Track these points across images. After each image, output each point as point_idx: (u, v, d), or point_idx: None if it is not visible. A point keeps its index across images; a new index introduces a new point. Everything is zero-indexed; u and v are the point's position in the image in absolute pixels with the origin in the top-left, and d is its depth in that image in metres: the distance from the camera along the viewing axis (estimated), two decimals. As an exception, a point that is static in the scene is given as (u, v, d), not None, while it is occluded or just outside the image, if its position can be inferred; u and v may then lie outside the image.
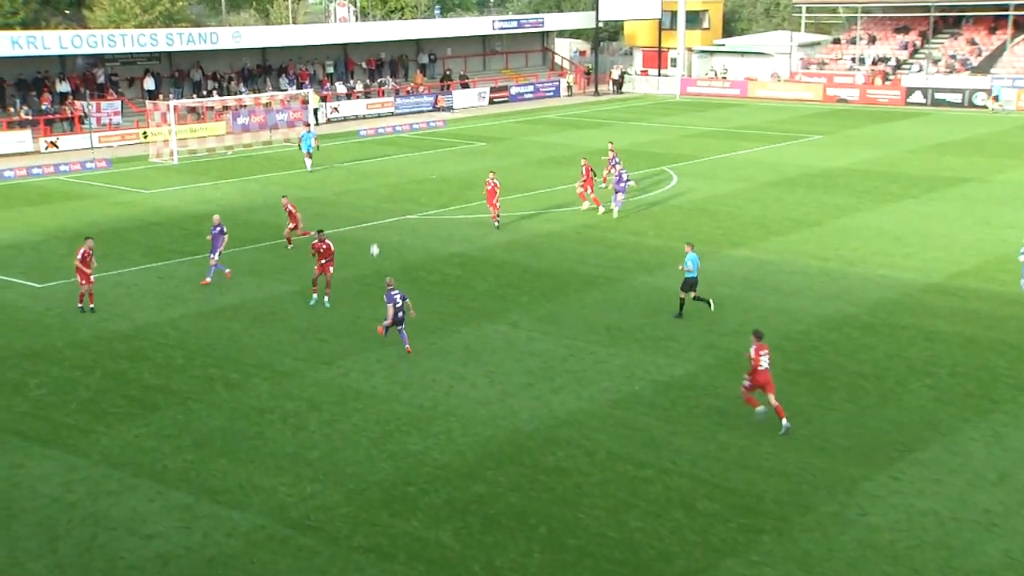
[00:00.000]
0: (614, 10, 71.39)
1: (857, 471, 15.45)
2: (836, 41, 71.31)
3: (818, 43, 72.87)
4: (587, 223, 31.31)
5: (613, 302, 23.50)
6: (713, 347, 20.55)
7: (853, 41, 69.27)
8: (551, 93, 68.93)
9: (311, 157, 41.53)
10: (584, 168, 32.61)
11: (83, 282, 22.99)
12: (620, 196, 31.40)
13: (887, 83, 63.74)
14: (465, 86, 65.29)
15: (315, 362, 19.94)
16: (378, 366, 19.75)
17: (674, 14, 73.26)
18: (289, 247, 28.24)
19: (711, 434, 16.74)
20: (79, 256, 23.01)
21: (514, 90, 66.74)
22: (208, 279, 25.01)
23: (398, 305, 20.31)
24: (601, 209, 31.91)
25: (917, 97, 61.40)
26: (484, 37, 70.10)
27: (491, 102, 64.86)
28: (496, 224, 30.28)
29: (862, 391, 18.44)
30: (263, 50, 58.39)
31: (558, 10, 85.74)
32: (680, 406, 17.85)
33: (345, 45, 61.94)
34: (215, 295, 24.32)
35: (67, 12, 79.16)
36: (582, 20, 74.70)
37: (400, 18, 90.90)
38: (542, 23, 70.88)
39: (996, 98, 58.82)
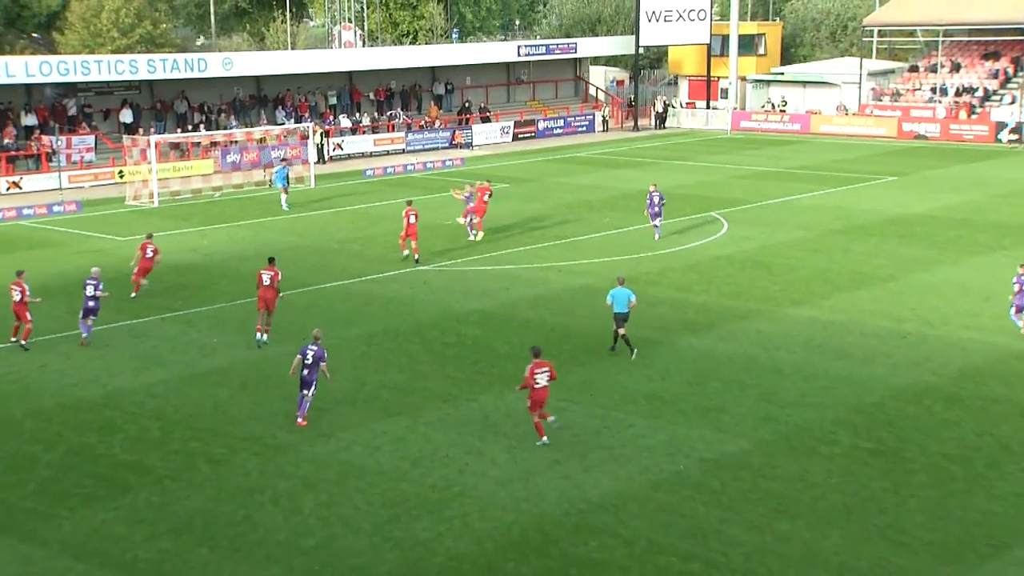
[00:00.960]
0: (657, 34, 72.17)
1: (943, 570, 15.31)
2: (913, 69, 71.70)
3: (892, 71, 73.28)
4: (625, 277, 31.39)
5: (654, 367, 23.55)
6: (770, 420, 20.53)
7: (934, 69, 69.61)
8: (584, 128, 69.65)
9: (287, 193, 42.62)
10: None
11: (23, 322, 24.60)
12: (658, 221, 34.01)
13: (973, 117, 63.99)
14: (486, 120, 66.10)
15: (312, 434, 20.06)
16: (384, 439, 19.85)
17: (725, 39, 74.06)
18: (134, 295, 29.06)
19: (768, 523, 16.67)
20: (18, 295, 24.40)
21: (542, 124, 67.52)
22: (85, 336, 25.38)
23: (307, 361, 19.89)
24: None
25: (1009, 133, 61.51)
26: (508, 65, 71.10)
27: (516, 138, 65.61)
28: (415, 257, 33.03)
29: (946, 475, 18.33)
30: (257, 79, 59.52)
31: (592, 34, 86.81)
32: (732, 489, 17.80)
33: (350, 73, 63.01)
34: (198, 357, 24.57)
35: (35, 35, 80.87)
36: (620, 45, 75.60)
37: (412, 43, 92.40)
38: (575, 49, 71.78)
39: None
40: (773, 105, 71.00)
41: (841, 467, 18.49)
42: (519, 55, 68.96)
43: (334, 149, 57.51)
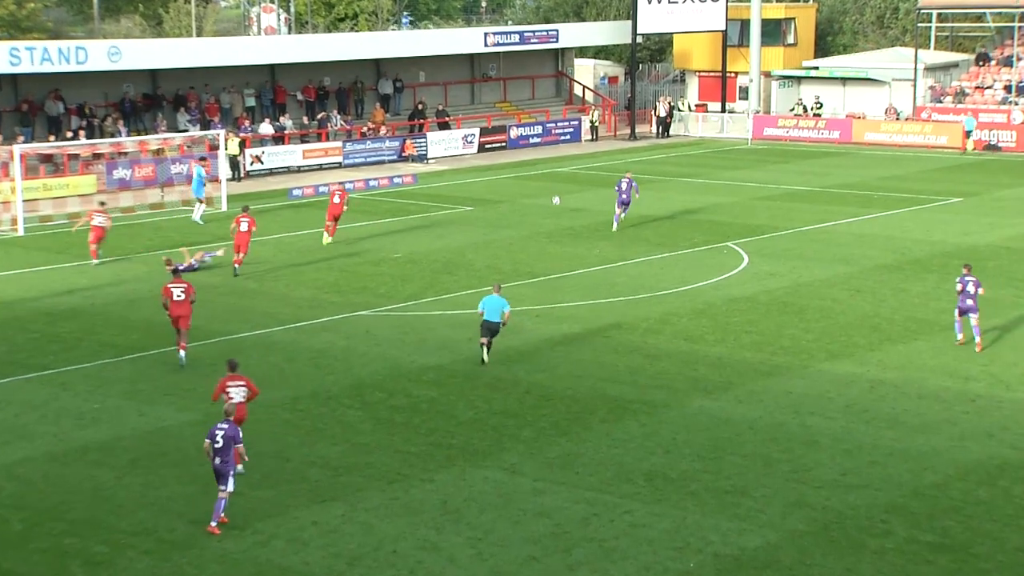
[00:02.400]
0: (659, 19, 72.86)
1: None
2: (982, 61, 72.68)
3: (955, 65, 74.22)
4: (618, 323, 31.59)
5: (657, 438, 23.58)
6: (804, 505, 20.57)
7: (1008, 62, 70.61)
8: (568, 137, 70.17)
9: (204, 204, 43.72)
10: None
11: None
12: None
13: (1056, 122, 64.91)
14: (445, 126, 66.46)
15: (221, 526, 19.93)
16: (313, 531, 19.74)
17: (745, 24, 74.92)
18: None
19: (803, 635, 16.66)
20: None
21: (515, 132, 67.95)
22: None
23: (217, 445, 19.68)
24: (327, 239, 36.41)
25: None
26: (472, 57, 71.63)
27: (482, 149, 66.00)
28: (236, 270, 36.23)
29: (1027, 573, 18.39)
30: (153, 73, 59.64)
31: (578, 19, 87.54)
32: (757, 593, 17.80)
33: (273, 67, 63.28)
34: (74, 428, 24.41)
35: None
36: (612, 33, 76.26)
37: (352, 29, 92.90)
38: (556, 37, 72.41)
39: None
40: (805, 108, 71.77)
41: (895, 566, 18.50)
42: (486, 45, 69.47)
43: (252, 163, 57.59)
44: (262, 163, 57.97)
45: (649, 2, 71.47)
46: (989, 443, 23.30)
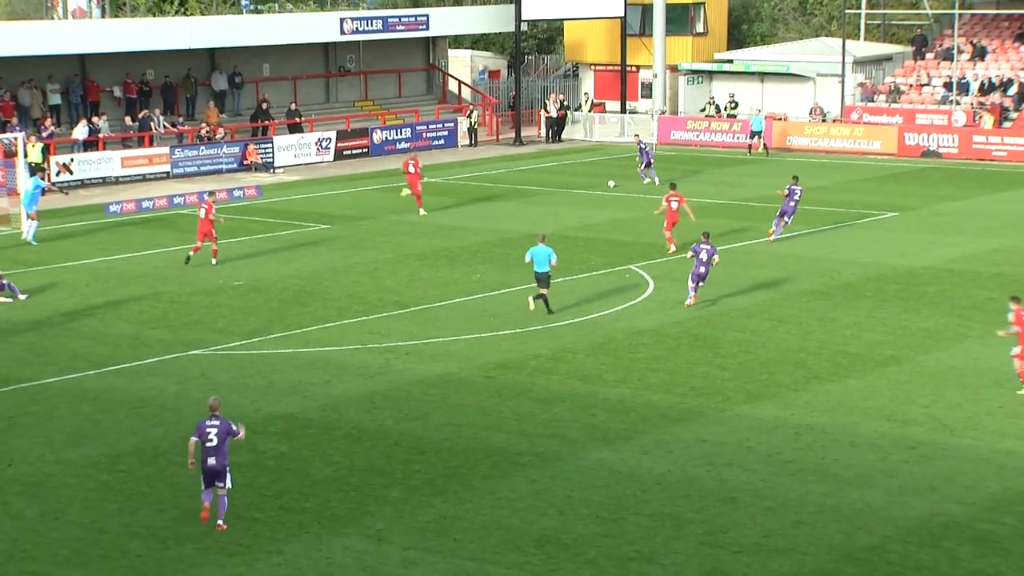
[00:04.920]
0: (547, 4, 73.25)
1: None
2: (918, 55, 74.14)
3: (888, 59, 75.59)
4: (503, 361, 31.57)
5: (549, 496, 23.54)
6: (720, 573, 20.67)
7: (948, 56, 72.04)
8: (442, 141, 70.29)
9: (36, 220, 43.73)
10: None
11: None
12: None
13: (1005, 125, 66.27)
14: (295, 128, 66.10)
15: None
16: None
17: (647, 10, 75.44)
18: None
19: None
20: None
21: (378, 135, 67.89)
22: None
23: (210, 444, 21.80)
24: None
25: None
26: (327, 46, 71.50)
27: (340, 156, 65.79)
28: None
29: (977, 648, 18.64)
30: (-67, 64, 58.52)
31: (452, 2, 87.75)
32: None
33: (83, 57, 62.46)
34: None
35: None
36: (493, 20, 76.50)
37: (179, 12, 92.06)
38: (425, 24, 72.57)
39: None
40: (718, 108, 72.61)
41: (826, 642, 18.65)
42: (343, 32, 69.36)
43: (59, 172, 56.69)
44: (71, 172, 57.01)
45: (536, -17, 71.83)
46: (932, 498, 23.59)
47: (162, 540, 21.85)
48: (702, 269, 35.48)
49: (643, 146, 58.30)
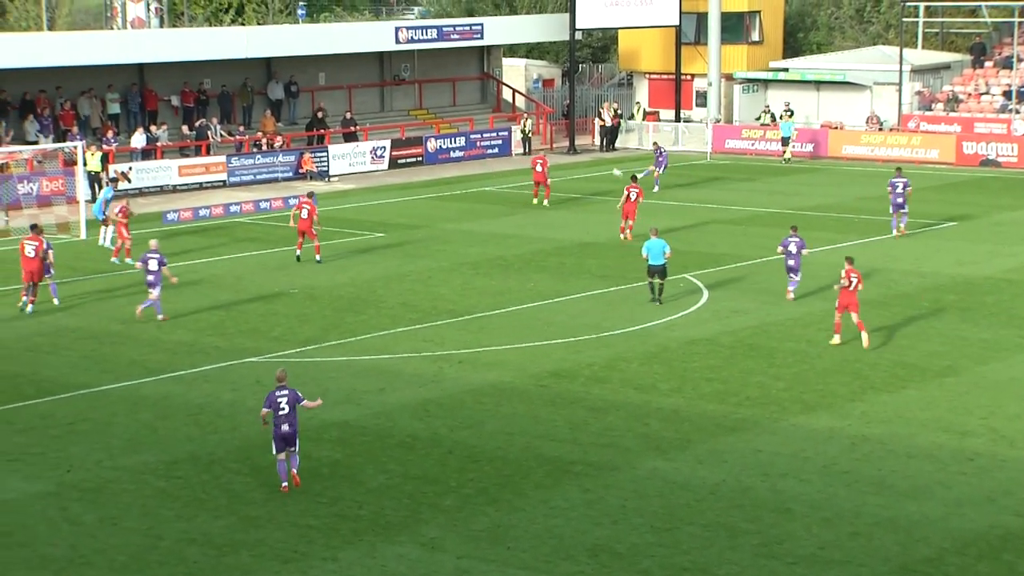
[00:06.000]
0: (602, 13, 73.16)
1: None
2: (977, 63, 73.66)
3: (946, 67, 75.14)
4: (557, 370, 31.63)
5: (602, 506, 23.56)
6: (777, 585, 20.67)
7: (1007, 64, 71.57)
8: (496, 150, 70.31)
9: (110, 225, 44.98)
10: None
11: None
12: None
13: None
14: (350, 137, 66.33)
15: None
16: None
17: (702, 19, 75.26)
18: None
19: None
20: None
21: (433, 144, 68.02)
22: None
23: (282, 412, 23.70)
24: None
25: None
26: (382, 56, 71.67)
27: (394, 164, 65.96)
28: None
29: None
30: (-6, 73, 59.08)
31: (508, 11, 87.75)
32: None
33: (141, 67, 62.89)
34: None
35: None
36: (547, 28, 76.69)
37: (236, 22, 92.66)
38: (480, 32, 72.63)
39: None
40: (773, 117, 72.35)
41: (881, 653, 18.62)
42: (398, 42, 69.57)
43: (118, 181, 57.06)
44: (129, 181, 57.33)
45: (590, -9, 71.89)
46: (990, 510, 23.46)
47: (218, 547, 22.01)
48: (791, 262, 37.46)
49: (662, 152, 59.33)
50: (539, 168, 54.16)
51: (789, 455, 26.00)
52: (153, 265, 36.19)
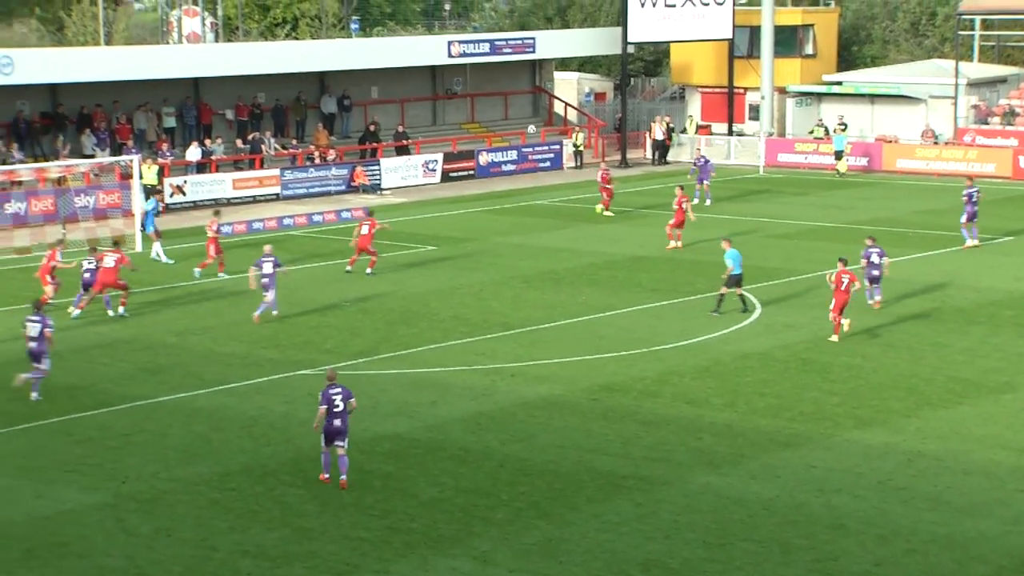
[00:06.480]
0: (654, 26, 73.23)
1: None
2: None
3: (1003, 80, 74.72)
4: (609, 383, 31.63)
5: (654, 520, 23.56)
6: (831, 601, 20.59)
7: (1067, 77, 71.14)
8: (548, 163, 70.38)
9: (160, 238, 45.67)
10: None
11: None
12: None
13: None
14: (402, 151, 66.53)
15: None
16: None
17: (754, 32, 75.20)
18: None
19: None
20: None
21: (485, 158, 68.15)
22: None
23: (336, 408, 24.70)
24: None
25: None
26: (434, 69, 71.88)
27: (446, 178, 66.12)
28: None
29: None
30: (53, 88, 59.55)
31: (561, 24, 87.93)
32: None
33: (196, 81, 63.32)
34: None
35: None
36: (599, 42, 76.80)
37: (290, 36, 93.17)
38: (532, 46, 72.81)
39: None
40: (827, 130, 72.14)
41: (936, 670, 18.55)
42: (450, 55, 69.82)
43: (173, 194, 57.52)
44: (184, 194, 57.87)
45: (642, 5, 71.81)
46: (1049, 526, 23.39)
47: (272, 559, 22.11)
48: (875, 272, 38.00)
49: (703, 163, 59.66)
50: (602, 179, 55.84)
51: (843, 471, 25.91)
52: (268, 268, 37.45)
